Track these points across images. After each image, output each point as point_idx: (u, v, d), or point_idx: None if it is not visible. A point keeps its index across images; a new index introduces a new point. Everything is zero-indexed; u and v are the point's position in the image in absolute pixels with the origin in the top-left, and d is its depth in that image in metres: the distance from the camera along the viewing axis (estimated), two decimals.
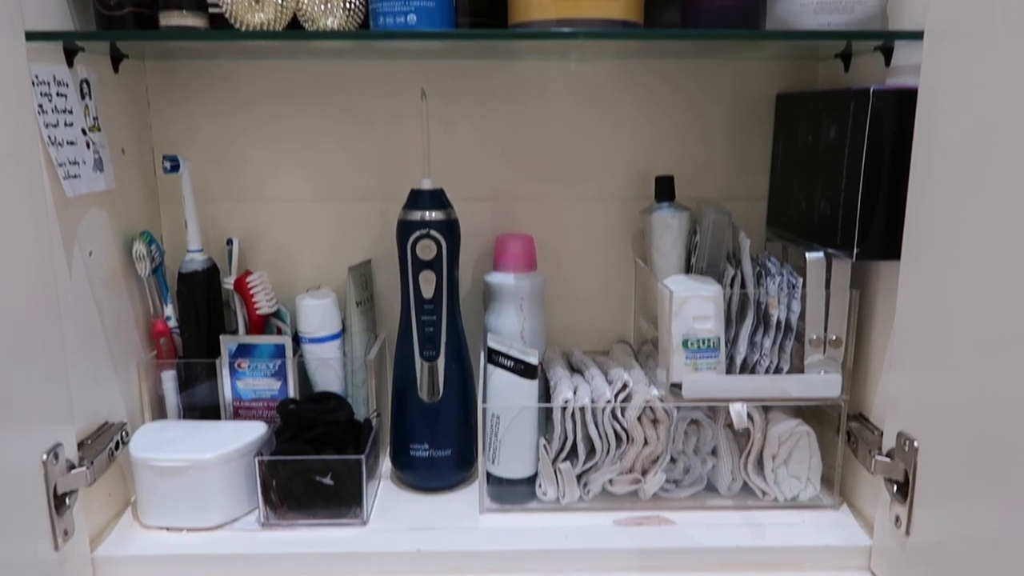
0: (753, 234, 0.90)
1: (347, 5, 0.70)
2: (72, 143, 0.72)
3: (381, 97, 0.90)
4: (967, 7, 0.59)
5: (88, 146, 0.75)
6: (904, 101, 0.66)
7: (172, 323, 0.86)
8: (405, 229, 0.79)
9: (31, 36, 0.65)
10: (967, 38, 0.59)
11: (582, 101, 0.91)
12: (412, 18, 0.67)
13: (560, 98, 0.91)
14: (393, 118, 0.90)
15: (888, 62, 0.73)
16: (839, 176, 0.72)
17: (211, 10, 0.71)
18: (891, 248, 0.69)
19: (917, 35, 0.65)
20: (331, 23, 0.71)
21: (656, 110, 0.91)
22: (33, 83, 0.66)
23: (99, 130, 0.77)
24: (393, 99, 0.89)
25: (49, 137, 0.68)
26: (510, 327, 0.86)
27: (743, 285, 0.79)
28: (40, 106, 0.67)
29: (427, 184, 0.80)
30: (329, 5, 0.70)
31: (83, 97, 0.74)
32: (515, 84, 0.90)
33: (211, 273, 0.86)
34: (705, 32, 0.69)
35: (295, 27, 0.71)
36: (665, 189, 0.86)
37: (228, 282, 0.87)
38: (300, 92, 0.90)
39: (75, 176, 0.72)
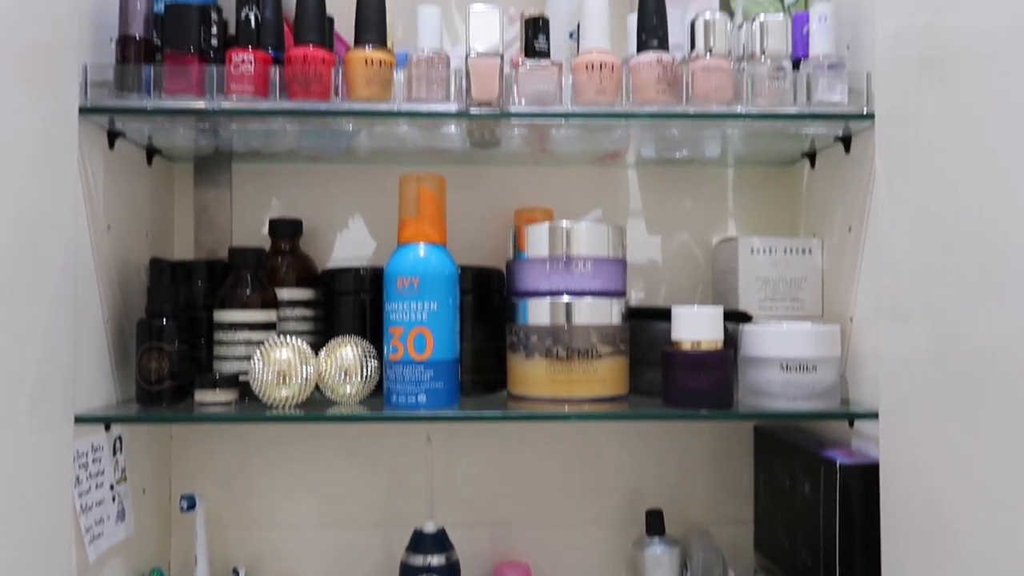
0: (741, 559, 0.94)
1: (363, 375, 0.79)
2: (100, 503, 0.77)
3: (388, 434, 0.96)
4: (911, 390, 0.67)
5: (114, 500, 0.80)
6: (868, 474, 0.73)
7: None
8: (407, 574, 0.82)
9: (80, 420, 0.72)
10: (915, 418, 0.67)
11: (575, 436, 0.98)
12: (422, 398, 0.75)
13: (555, 434, 0.98)
14: (399, 451, 0.96)
15: (851, 424, 0.80)
16: (816, 532, 0.77)
17: (241, 378, 0.79)
18: None
19: (872, 415, 0.74)
20: (349, 390, 0.79)
21: (643, 443, 0.98)
22: (73, 458, 0.72)
23: (125, 480, 0.82)
24: (400, 435, 0.96)
25: (81, 505, 0.73)
26: None
27: None
28: (77, 477, 0.73)
29: (430, 527, 0.84)
30: (347, 376, 0.78)
31: (114, 454, 0.80)
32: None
33: None
34: (683, 413, 0.77)
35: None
36: (655, 523, 0.90)
37: None
38: (312, 426, 0.96)
39: (99, 535, 0.76)
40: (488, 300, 0.87)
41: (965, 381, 0.60)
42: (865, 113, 0.74)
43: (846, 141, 0.80)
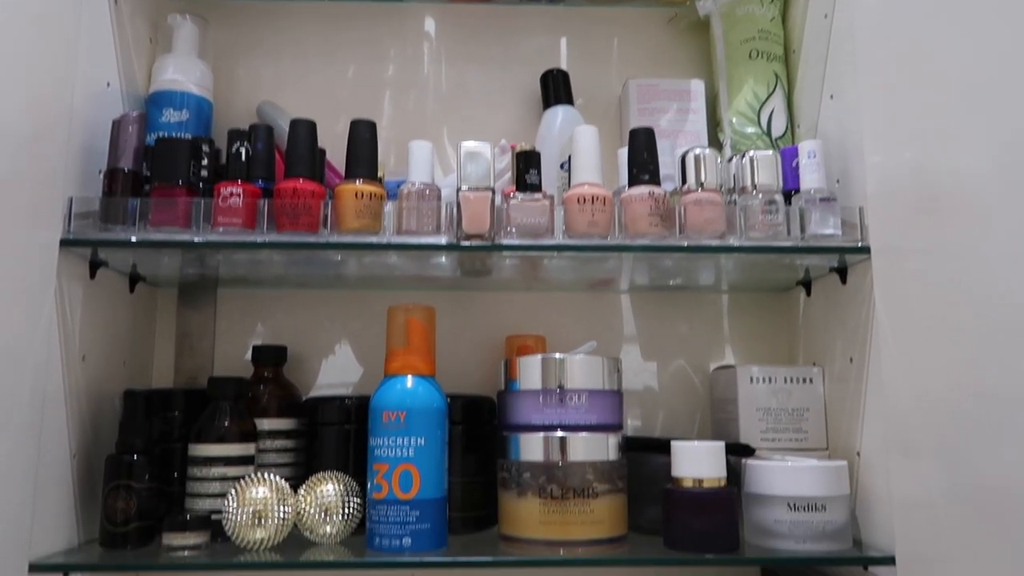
0: None
1: (344, 514, 0.74)
2: None
3: None
4: (929, 533, 0.64)
5: None
6: None
7: None
8: None
9: (34, 568, 0.67)
10: (936, 564, 0.64)
11: None
12: (407, 541, 0.70)
13: None
14: None
15: (866, 568, 0.75)
16: None
17: (214, 516, 0.75)
18: None
19: (889, 559, 0.69)
20: (329, 530, 0.74)
21: None
22: None
23: None
24: None
25: None
26: None
27: None
28: None
29: None
30: (327, 514, 0.74)
31: None
32: None
33: None
34: (686, 559, 0.72)
35: None
36: None
37: None
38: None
39: None
40: (479, 431, 0.84)
41: (987, 523, 0.56)
42: (860, 246, 0.73)
43: (842, 272, 0.79)
